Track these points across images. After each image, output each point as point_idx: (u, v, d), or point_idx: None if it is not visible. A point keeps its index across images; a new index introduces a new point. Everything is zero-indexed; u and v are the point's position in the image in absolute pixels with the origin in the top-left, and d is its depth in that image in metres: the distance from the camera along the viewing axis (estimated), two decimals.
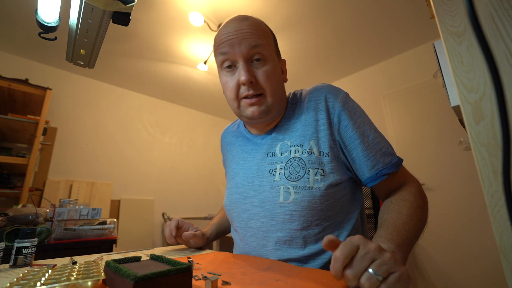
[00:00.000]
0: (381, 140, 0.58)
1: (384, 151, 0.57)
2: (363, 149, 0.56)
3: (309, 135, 0.59)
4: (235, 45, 0.57)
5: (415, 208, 0.51)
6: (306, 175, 0.55)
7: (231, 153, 0.76)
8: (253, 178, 0.63)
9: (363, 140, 0.57)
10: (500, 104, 0.23)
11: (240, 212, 0.64)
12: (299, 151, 0.58)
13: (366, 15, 2.07)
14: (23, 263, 0.54)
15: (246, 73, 0.56)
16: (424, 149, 2.30)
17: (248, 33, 0.57)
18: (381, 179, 0.56)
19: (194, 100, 3.58)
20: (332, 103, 0.60)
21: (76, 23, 0.54)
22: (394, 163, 0.56)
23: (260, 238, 0.59)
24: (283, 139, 0.62)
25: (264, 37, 0.59)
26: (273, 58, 0.60)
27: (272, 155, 0.62)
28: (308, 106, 0.62)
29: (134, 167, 3.12)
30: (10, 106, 2.28)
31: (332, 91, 0.61)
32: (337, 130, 0.58)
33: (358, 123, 0.58)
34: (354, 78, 3.00)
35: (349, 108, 0.59)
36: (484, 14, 0.32)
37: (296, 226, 0.55)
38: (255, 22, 0.59)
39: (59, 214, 1.18)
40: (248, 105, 0.59)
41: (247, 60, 0.58)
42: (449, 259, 2.03)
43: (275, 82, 0.59)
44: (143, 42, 2.36)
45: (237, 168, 0.70)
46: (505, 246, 0.27)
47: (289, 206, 0.55)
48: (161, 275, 0.31)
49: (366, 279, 0.31)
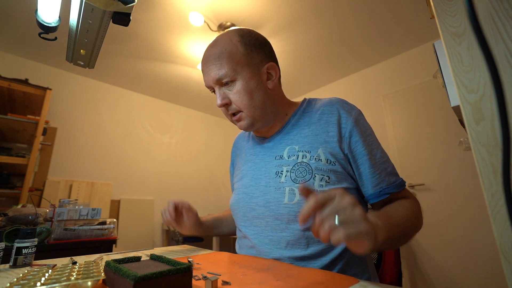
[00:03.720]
0: (387, 161, 0.61)
1: (389, 171, 0.59)
2: (370, 166, 0.58)
3: (318, 144, 0.61)
4: (207, 75, 0.63)
5: (409, 211, 0.53)
6: (312, 179, 0.57)
7: (240, 156, 0.79)
8: (260, 179, 0.65)
9: (370, 157, 0.59)
10: (500, 104, 0.23)
11: (246, 211, 0.66)
12: (307, 156, 0.60)
13: (366, 15, 2.08)
14: (23, 263, 0.54)
15: (219, 99, 0.62)
16: (424, 149, 2.30)
17: (212, 65, 0.61)
18: (384, 197, 0.58)
19: (194, 100, 3.58)
20: (345, 119, 0.62)
21: (76, 23, 0.54)
22: (398, 183, 0.59)
23: (264, 237, 0.60)
24: (292, 143, 0.65)
25: (226, 61, 0.60)
26: (243, 74, 0.61)
27: (279, 158, 0.64)
28: (321, 117, 0.64)
29: (134, 167, 3.12)
30: (10, 106, 2.28)
31: (346, 107, 0.64)
32: (347, 144, 0.60)
33: (368, 141, 0.60)
34: (354, 78, 3.00)
35: (361, 126, 0.62)
36: (484, 14, 0.32)
37: (300, 227, 0.56)
38: (218, 49, 0.61)
39: (59, 214, 1.18)
40: (235, 121, 0.65)
41: (219, 86, 0.63)
42: (449, 259, 2.03)
43: (248, 98, 0.61)
44: (143, 42, 2.36)
45: (245, 170, 0.72)
46: (505, 246, 0.27)
47: (294, 207, 0.57)
48: (161, 275, 0.31)
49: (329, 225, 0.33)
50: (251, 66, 0.62)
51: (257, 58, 0.64)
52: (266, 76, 0.65)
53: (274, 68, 0.66)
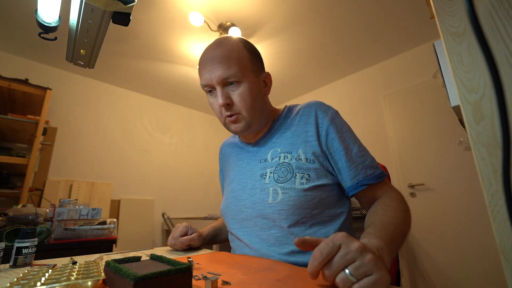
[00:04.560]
0: (365, 154, 0.63)
1: (367, 164, 0.61)
2: (346, 160, 0.61)
3: (298, 144, 0.65)
4: (211, 73, 0.62)
5: (399, 212, 0.53)
6: (293, 178, 0.60)
7: (228, 163, 0.82)
8: (247, 182, 0.69)
9: (346, 152, 0.62)
10: (500, 104, 0.23)
11: (235, 214, 0.69)
12: (288, 157, 0.64)
13: (366, 15, 2.08)
14: (23, 263, 0.54)
15: (222, 97, 0.63)
16: (424, 149, 2.30)
17: (220, 63, 0.62)
18: (361, 189, 0.60)
19: (194, 100, 3.58)
20: (321, 118, 0.65)
21: (76, 23, 0.54)
22: (375, 175, 0.60)
23: (254, 236, 0.63)
24: (274, 146, 0.68)
25: (235, 62, 0.62)
26: (249, 78, 0.64)
27: (264, 161, 0.68)
28: (300, 119, 0.68)
29: (134, 167, 3.12)
30: (10, 106, 2.28)
31: (322, 108, 0.67)
32: (324, 142, 0.63)
33: (344, 137, 0.63)
34: (354, 78, 3.00)
35: (337, 124, 0.65)
36: (484, 14, 0.32)
37: (285, 224, 0.59)
38: (226, 49, 0.63)
39: (59, 214, 1.18)
40: (230, 122, 0.66)
41: (223, 85, 0.63)
42: (449, 259, 2.03)
43: (251, 101, 0.64)
44: (143, 42, 2.36)
45: (233, 175, 0.75)
46: (505, 246, 0.27)
47: (278, 206, 0.60)
48: (161, 275, 0.31)
49: (340, 279, 0.31)
50: (253, 71, 0.66)
51: (257, 65, 0.69)
52: (263, 83, 0.70)
53: (269, 78, 0.72)
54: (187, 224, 0.74)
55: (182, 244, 0.68)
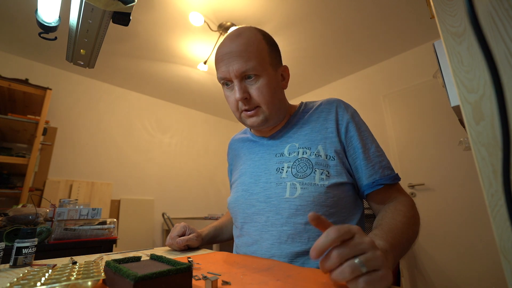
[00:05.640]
0: (382, 155, 0.63)
1: (384, 165, 0.61)
2: (363, 159, 0.61)
3: (318, 140, 0.64)
4: (229, 66, 0.60)
5: (408, 218, 0.53)
6: (312, 174, 0.59)
7: (238, 157, 0.80)
8: (260, 176, 0.67)
9: (364, 151, 0.61)
10: (500, 104, 0.23)
11: (245, 208, 0.66)
12: (307, 152, 0.63)
13: (366, 15, 2.07)
14: (23, 263, 0.54)
15: (240, 91, 0.60)
16: (424, 149, 2.30)
17: (238, 56, 0.60)
18: (376, 188, 0.59)
19: (194, 100, 3.58)
20: (341, 115, 0.65)
21: (76, 23, 0.54)
22: (392, 176, 0.60)
23: (264, 232, 0.61)
24: (292, 141, 0.67)
25: (255, 55, 0.60)
26: (267, 71, 0.62)
27: (280, 155, 0.66)
28: (319, 115, 0.68)
29: (134, 167, 3.12)
30: (10, 106, 2.28)
31: (342, 105, 0.67)
32: (344, 139, 0.63)
33: (362, 136, 0.63)
34: (354, 78, 3.00)
35: (356, 122, 0.65)
36: (484, 14, 0.32)
37: (301, 220, 0.57)
38: (246, 41, 0.61)
39: (59, 214, 1.18)
40: (247, 116, 0.64)
41: (241, 79, 0.61)
42: (449, 259, 2.03)
43: (269, 95, 0.62)
44: (143, 42, 2.36)
45: (244, 168, 0.73)
46: (505, 246, 0.27)
47: (295, 201, 0.58)
48: (161, 275, 0.31)
49: (349, 265, 0.31)
50: (272, 65, 0.65)
51: (276, 58, 0.67)
52: (281, 77, 0.68)
53: (287, 71, 0.70)
54: (185, 224, 0.73)
55: (179, 244, 0.67)
